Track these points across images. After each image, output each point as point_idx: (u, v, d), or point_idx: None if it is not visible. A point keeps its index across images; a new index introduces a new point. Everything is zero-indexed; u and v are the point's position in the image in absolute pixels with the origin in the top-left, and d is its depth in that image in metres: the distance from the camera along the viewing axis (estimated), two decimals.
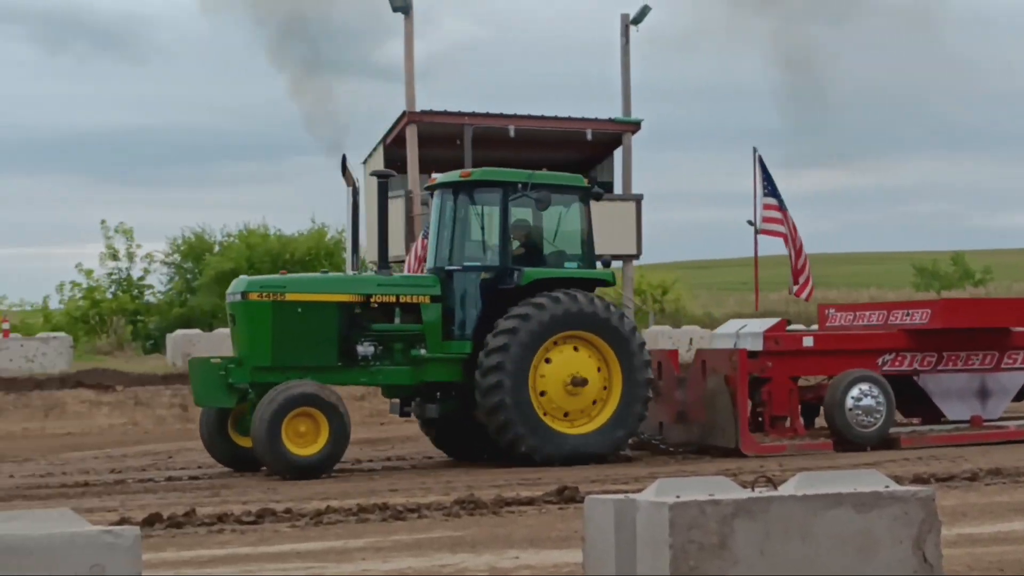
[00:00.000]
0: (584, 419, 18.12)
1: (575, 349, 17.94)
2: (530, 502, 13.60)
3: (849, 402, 18.41)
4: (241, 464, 17.56)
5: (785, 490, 5.71)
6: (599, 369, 18.05)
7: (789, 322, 20.67)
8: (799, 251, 24.05)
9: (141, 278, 43.64)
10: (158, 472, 17.54)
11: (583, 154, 36.42)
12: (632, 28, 35.64)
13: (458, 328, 17.88)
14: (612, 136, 35.55)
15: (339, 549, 11.09)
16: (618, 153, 36.52)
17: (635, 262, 36.69)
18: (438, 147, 33.16)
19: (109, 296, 42.10)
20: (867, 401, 18.48)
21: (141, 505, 13.62)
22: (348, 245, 19.64)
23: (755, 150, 23.86)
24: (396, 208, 33.34)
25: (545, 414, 17.75)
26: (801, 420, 18.77)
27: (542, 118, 34.13)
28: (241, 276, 18.05)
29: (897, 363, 19.39)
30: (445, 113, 32.85)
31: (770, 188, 23.04)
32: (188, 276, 43.52)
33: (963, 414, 19.58)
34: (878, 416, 18.53)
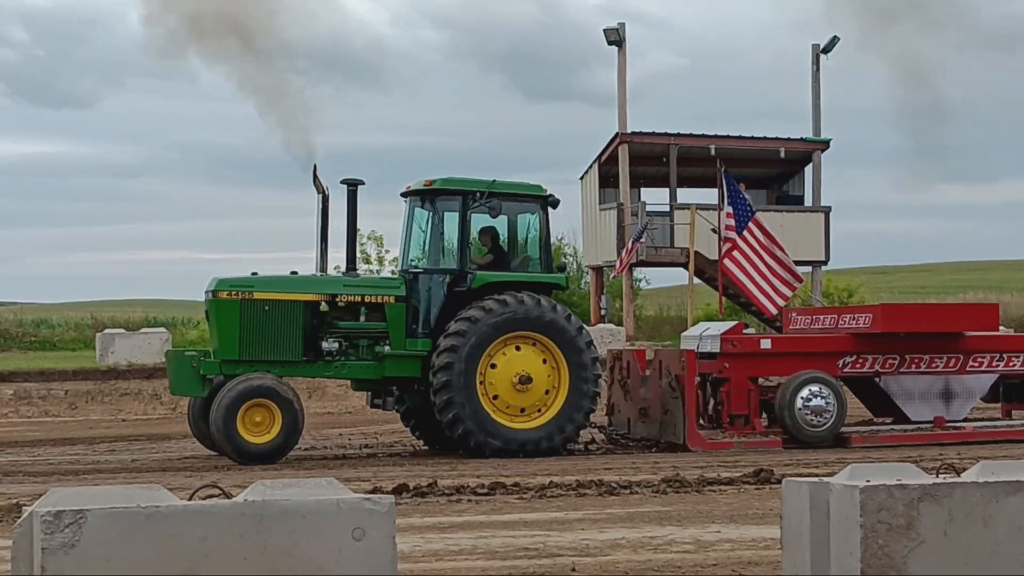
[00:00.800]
0: (533, 414, 17.43)
1: (517, 348, 17.44)
2: (730, 482, 13.72)
3: (799, 402, 17.60)
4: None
5: (968, 477, 5.50)
6: (547, 367, 17.46)
7: (747, 326, 19.94)
8: (777, 261, 23.02)
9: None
10: (403, 448, 17.58)
11: (776, 170, 36.76)
12: (822, 56, 35.11)
13: (420, 327, 17.49)
14: (803, 154, 35.61)
15: (561, 520, 11.30)
16: (809, 169, 35.79)
17: (823, 267, 36.20)
18: (646, 164, 33.85)
19: None
20: (817, 402, 17.69)
21: (391, 476, 13.87)
22: (317, 248, 18.97)
23: (720, 163, 23.18)
24: (609, 218, 34.22)
25: (496, 410, 17.25)
26: (761, 418, 18.09)
27: (740, 138, 34.59)
28: (214, 276, 17.88)
29: (858, 365, 18.62)
30: (653, 134, 33.43)
31: (734, 199, 22.12)
32: None
33: (926, 415, 18.77)
34: (828, 416, 17.72)
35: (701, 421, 18.14)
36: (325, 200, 18.40)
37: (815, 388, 17.75)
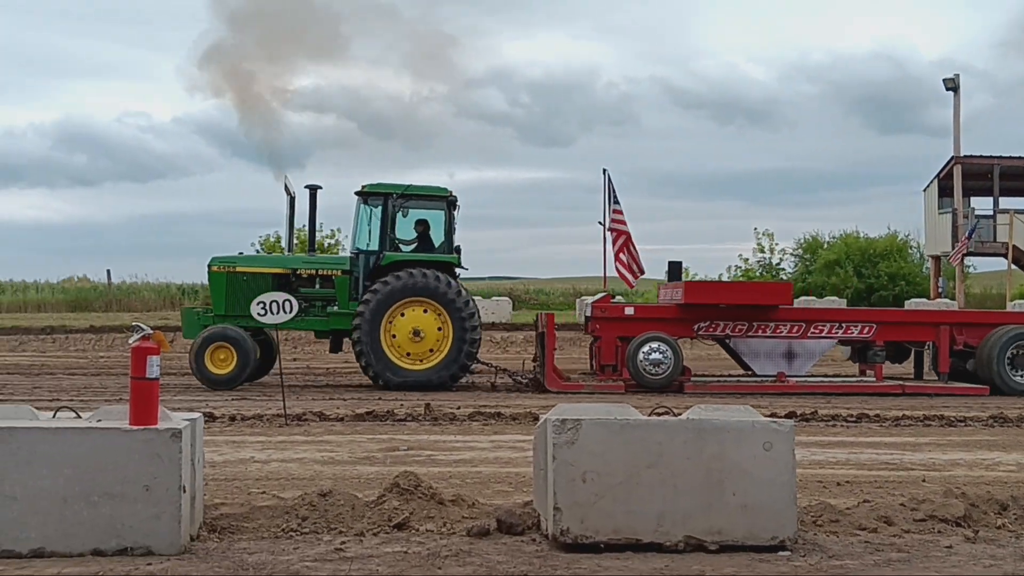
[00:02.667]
0: (425, 359, 18.09)
1: (424, 311, 18.08)
2: None
3: (640, 355, 17.53)
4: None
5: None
6: (437, 325, 18.17)
7: (613, 296, 20.37)
8: (626, 246, 21.84)
9: (778, 264, 44.59)
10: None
11: None
12: None
13: (356, 293, 18.55)
14: None
15: (912, 443, 11.82)
16: None
17: None
18: (975, 179, 34.31)
19: (757, 275, 43.81)
20: (655, 355, 17.51)
21: (783, 406, 15.02)
22: (284, 238, 20.13)
23: (605, 171, 21.99)
24: (946, 220, 34.10)
25: (397, 356, 17.96)
26: (628, 368, 17.67)
27: None
28: (213, 255, 18.77)
29: (711, 329, 18.19)
30: (980, 156, 33.21)
31: (614, 198, 21.58)
32: (807, 263, 43.74)
33: (771, 371, 18.07)
34: (664, 367, 17.46)
35: (592, 368, 19.23)
36: (293, 201, 19.40)
37: (654, 345, 17.62)
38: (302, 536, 6.57)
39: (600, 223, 21.77)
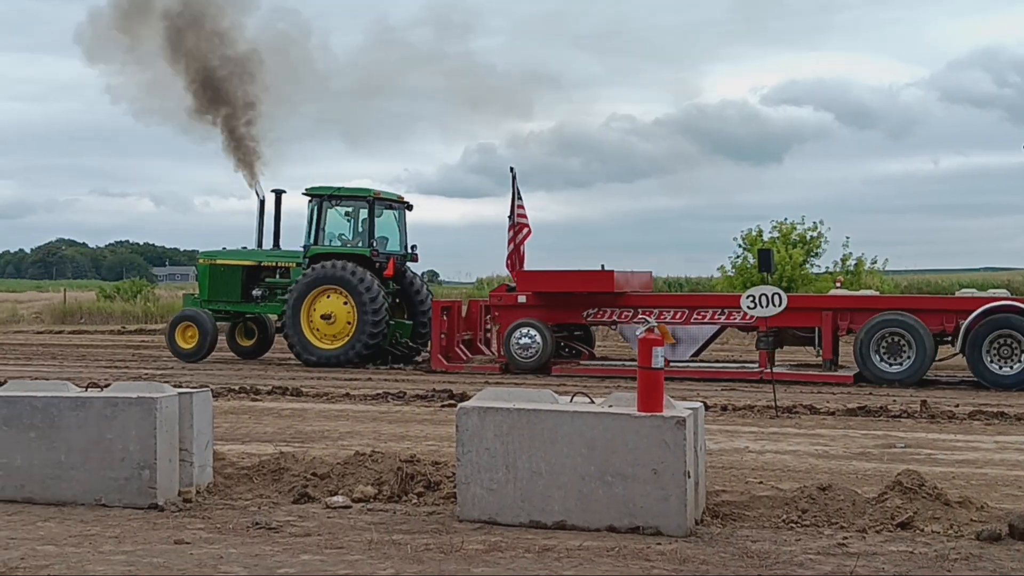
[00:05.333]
0: (337, 339, 20.12)
1: (339, 296, 20.10)
2: None
3: (513, 340, 18.71)
4: (244, 355, 22.26)
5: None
6: (346, 309, 20.19)
7: (510, 288, 19.92)
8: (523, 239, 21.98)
9: None
10: None
11: None
12: None
13: None
14: None
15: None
16: None
17: None
18: None
19: None
20: (524, 340, 18.60)
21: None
22: (255, 235, 22.57)
23: (512, 170, 21.61)
24: None
25: (314, 336, 20.03)
26: (503, 351, 19.09)
27: None
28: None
29: (599, 316, 18.92)
30: None
31: (518, 193, 21.60)
32: None
33: None
34: (534, 351, 18.52)
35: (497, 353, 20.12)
36: (262, 203, 22.18)
37: (525, 330, 18.67)
38: (803, 528, 6.55)
39: (509, 216, 21.58)
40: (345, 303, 20.12)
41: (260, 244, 22.36)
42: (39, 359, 22.04)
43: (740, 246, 32.80)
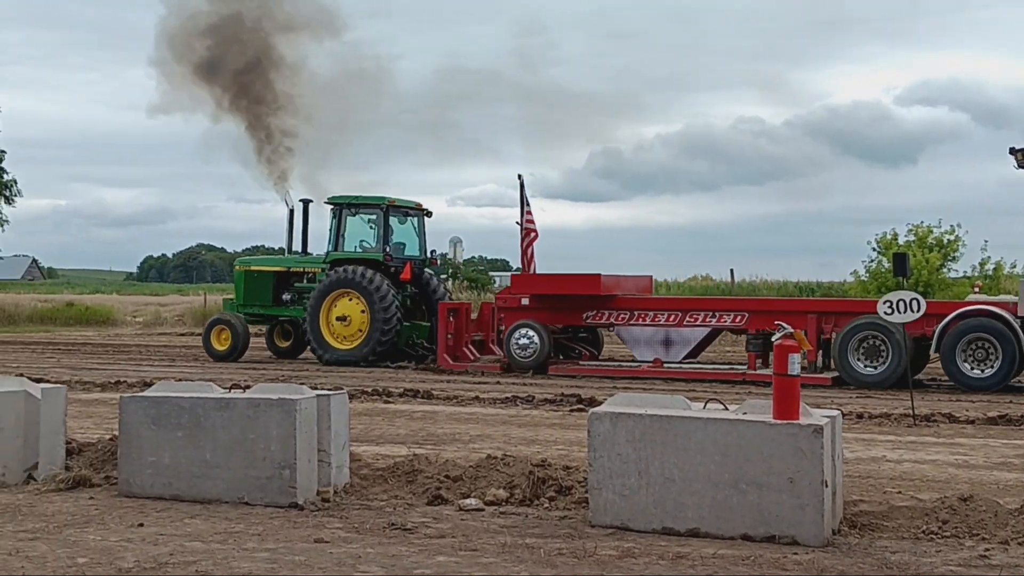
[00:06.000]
0: (352, 340, 20.94)
1: (355, 299, 20.90)
2: None
3: (512, 340, 19.40)
4: (281, 355, 23.11)
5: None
6: (360, 312, 20.93)
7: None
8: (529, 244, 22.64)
9: None
10: None
11: None
12: None
13: None
14: None
15: None
16: None
17: None
18: None
19: None
20: (523, 340, 19.24)
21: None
22: (285, 242, 23.70)
23: (520, 177, 22.57)
24: None
25: (332, 337, 20.89)
26: (504, 351, 20.01)
27: None
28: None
29: (597, 318, 19.43)
30: None
31: (526, 200, 22.36)
32: None
33: (648, 357, 18.91)
34: (532, 351, 19.14)
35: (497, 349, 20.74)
36: (292, 212, 23.30)
37: (523, 331, 19.31)
38: (943, 539, 6.38)
39: (517, 223, 22.50)
40: (360, 306, 21.02)
41: (289, 250, 23.55)
42: (182, 360, 22.70)
43: (874, 250, 32.02)
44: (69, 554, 5.98)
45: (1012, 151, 16.91)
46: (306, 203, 23.33)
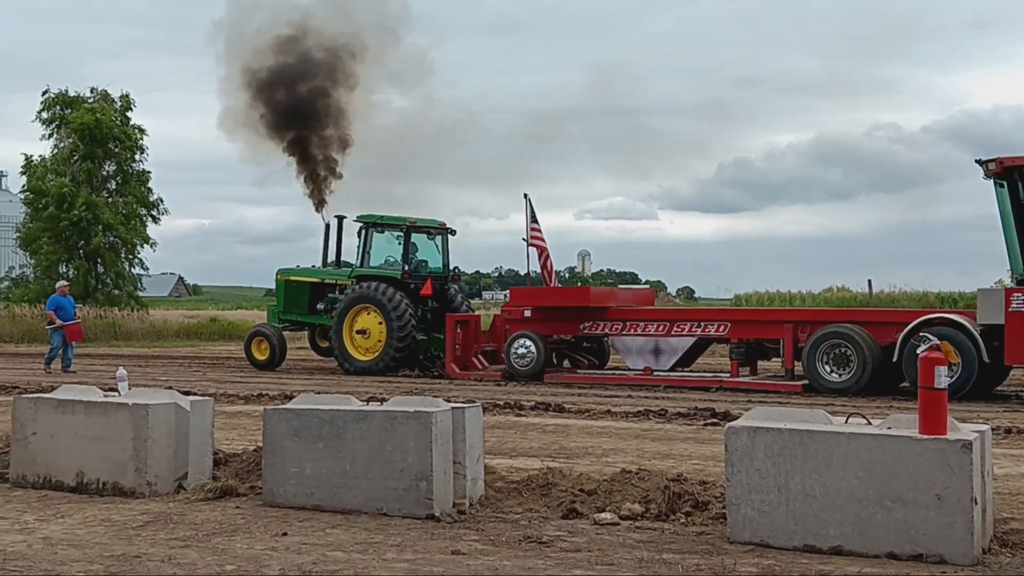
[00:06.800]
0: (371, 351, 22.10)
1: (374, 313, 22.05)
2: None
3: (511, 350, 20.31)
4: (324, 354, 24.50)
5: None
6: (379, 325, 22.08)
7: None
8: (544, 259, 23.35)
9: None
10: None
11: None
12: None
13: None
14: None
15: None
16: None
17: None
18: None
19: None
20: (521, 350, 20.17)
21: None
22: (320, 254, 24.81)
23: (526, 195, 22.88)
24: None
25: (353, 349, 22.10)
26: (504, 360, 21.06)
27: None
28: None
29: (593, 328, 20.30)
30: None
31: (533, 216, 22.76)
32: None
33: (640, 365, 19.78)
34: (529, 359, 20.06)
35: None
36: (328, 228, 24.59)
37: (521, 341, 20.06)
38: None
39: (524, 239, 22.93)
40: (378, 319, 22.26)
41: (325, 263, 24.85)
42: (320, 373, 23.27)
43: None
44: (218, 561, 6.15)
45: (978, 162, 16.64)
46: (340, 219, 24.57)
